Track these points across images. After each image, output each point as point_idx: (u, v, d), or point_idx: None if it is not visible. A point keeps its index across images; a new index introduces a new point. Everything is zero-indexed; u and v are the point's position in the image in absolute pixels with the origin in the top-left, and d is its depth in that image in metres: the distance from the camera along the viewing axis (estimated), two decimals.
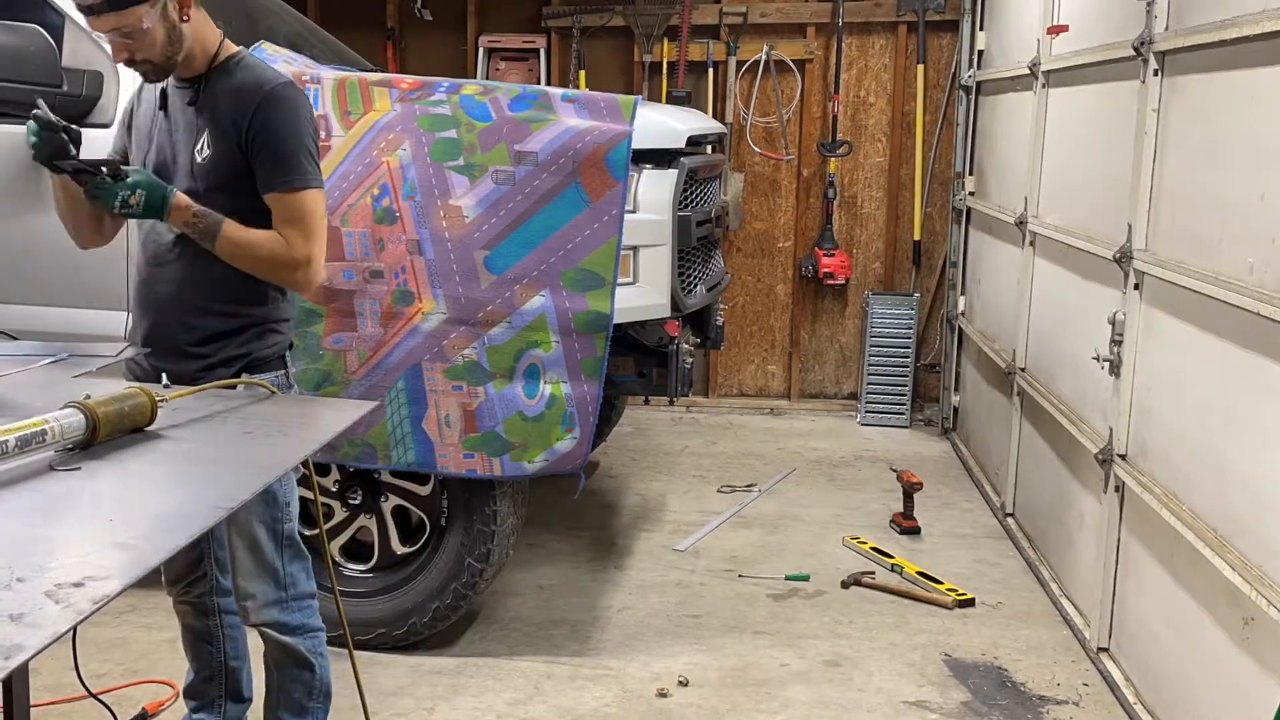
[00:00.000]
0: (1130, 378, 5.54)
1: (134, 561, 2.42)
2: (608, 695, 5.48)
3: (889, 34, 10.42)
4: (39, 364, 3.89)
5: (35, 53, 5.20)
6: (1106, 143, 6.10)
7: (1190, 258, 4.95)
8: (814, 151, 10.52)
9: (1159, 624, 5.21)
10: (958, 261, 9.94)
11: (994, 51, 9.23)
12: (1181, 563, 4.95)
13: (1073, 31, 6.84)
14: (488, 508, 5.54)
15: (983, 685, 5.65)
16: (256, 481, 3.02)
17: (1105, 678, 5.66)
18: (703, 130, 6.42)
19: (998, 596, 6.63)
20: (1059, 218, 6.95)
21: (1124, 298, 5.57)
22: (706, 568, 6.98)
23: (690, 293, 6.03)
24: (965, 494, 8.46)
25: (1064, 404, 6.55)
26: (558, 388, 5.28)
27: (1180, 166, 5.18)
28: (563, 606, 6.41)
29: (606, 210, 5.21)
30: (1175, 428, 5.10)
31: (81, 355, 4.13)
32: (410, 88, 5.40)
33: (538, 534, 7.33)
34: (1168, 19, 5.33)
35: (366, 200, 5.23)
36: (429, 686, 5.52)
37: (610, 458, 9.15)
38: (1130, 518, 5.55)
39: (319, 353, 5.29)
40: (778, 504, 8.16)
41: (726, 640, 6.04)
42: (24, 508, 2.75)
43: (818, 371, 10.86)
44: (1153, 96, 5.40)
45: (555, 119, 5.28)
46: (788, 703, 5.46)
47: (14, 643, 2.04)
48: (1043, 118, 7.39)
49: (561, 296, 5.21)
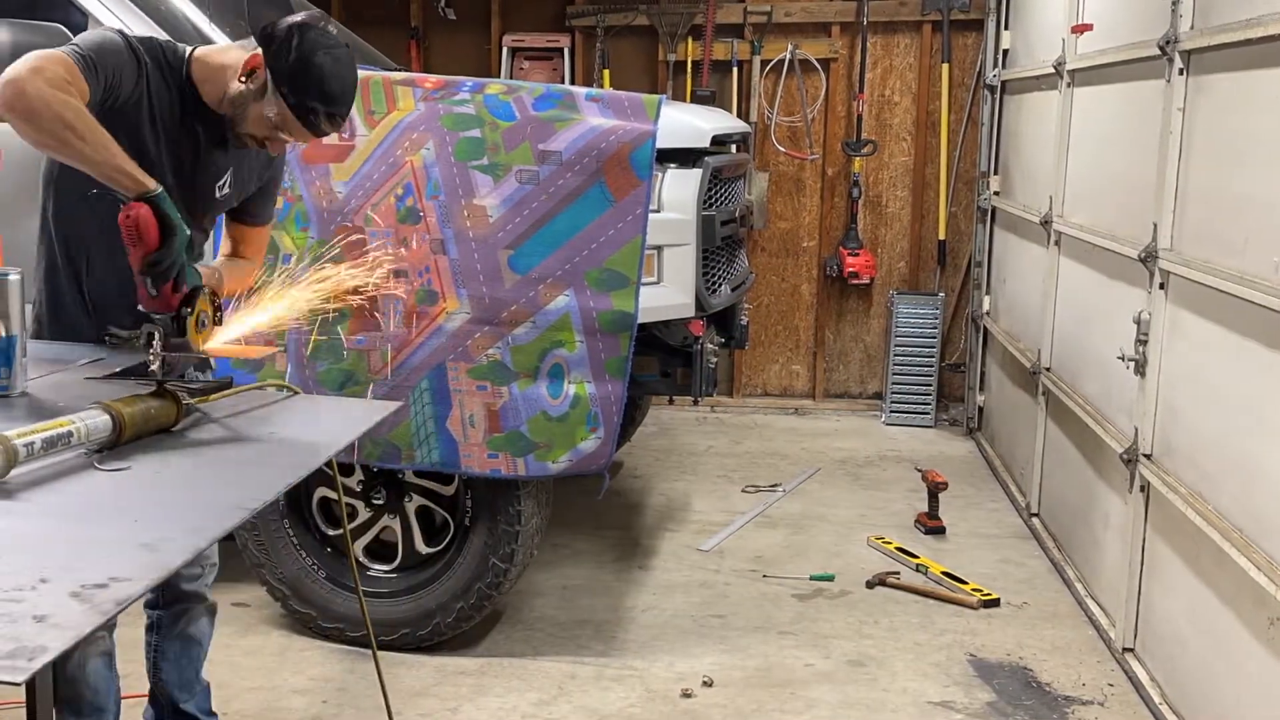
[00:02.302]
0: (1155, 377, 5.52)
1: (158, 562, 2.42)
2: (632, 696, 5.48)
3: (913, 33, 10.40)
4: (75, 364, 3.90)
5: None
6: (1131, 142, 6.08)
7: (1215, 257, 4.93)
8: (838, 151, 10.51)
9: (1184, 624, 5.20)
10: (983, 261, 9.91)
11: (1019, 50, 9.20)
12: (1207, 563, 4.94)
13: (1098, 30, 6.83)
14: (512, 508, 5.54)
15: (1008, 685, 5.64)
16: (279, 482, 3.02)
17: (1130, 678, 5.65)
18: (727, 129, 6.41)
19: (1023, 597, 6.62)
20: (1084, 217, 6.93)
21: (1149, 297, 5.55)
22: (731, 568, 6.98)
23: (715, 292, 6.02)
24: (990, 494, 8.44)
25: (1089, 404, 6.53)
26: (582, 388, 5.27)
27: (1206, 166, 5.16)
28: (587, 606, 6.41)
29: (631, 210, 5.20)
30: (1200, 427, 5.09)
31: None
32: (434, 87, 5.40)
33: (562, 534, 7.33)
34: (1193, 18, 5.31)
35: (390, 200, 5.23)
36: (453, 687, 5.52)
37: (635, 458, 9.14)
38: (1155, 518, 5.54)
39: (343, 352, 5.29)
40: (802, 504, 8.15)
41: (751, 640, 6.03)
42: (49, 508, 2.75)
43: (842, 371, 10.84)
44: (1178, 96, 5.39)
45: (579, 118, 5.27)
46: (812, 703, 5.45)
47: (38, 644, 2.04)
48: (1068, 117, 7.37)
49: (586, 296, 5.21)
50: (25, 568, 2.35)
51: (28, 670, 1.97)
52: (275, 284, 3.94)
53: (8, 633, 2.08)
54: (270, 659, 5.71)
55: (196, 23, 5.82)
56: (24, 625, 2.11)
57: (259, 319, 3.83)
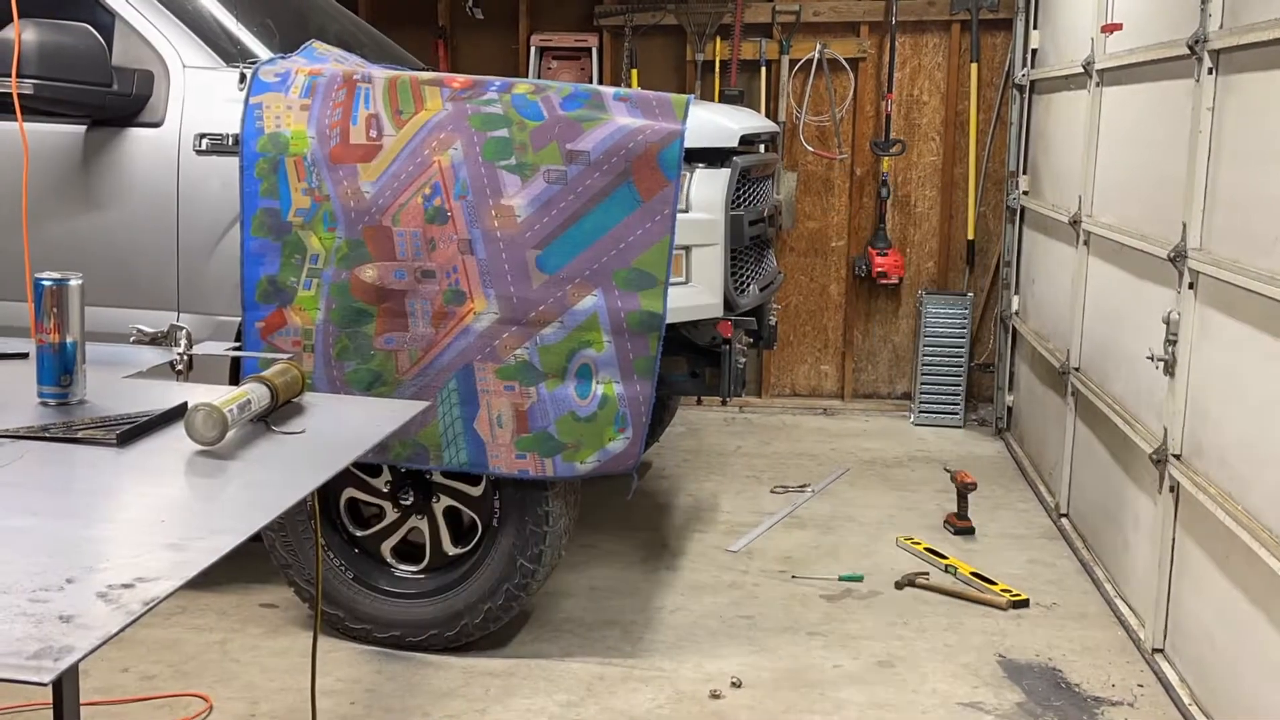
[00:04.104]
0: (1185, 377, 5.50)
1: (184, 563, 2.43)
2: (660, 697, 5.47)
3: (942, 32, 10.39)
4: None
5: (85, 52, 5.23)
6: (1161, 141, 6.06)
7: (1245, 257, 4.91)
8: (867, 150, 10.49)
9: (1214, 625, 5.18)
10: (1011, 261, 9.89)
11: (1048, 50, 9.18)
12: (1237, 563, 4.92)
13: (1127, 30, 6.80)
14: (540, 508, 5.54)
15: (1037, 686, 5.62)
16: (304, 484, 3.02)
17: (1160, 678, 5.63)
18: (755, 129, 6.40)
19: (1052, 597, 6.60)
20: (1113, 217, 6.91)
21: (1178, 297, 5.53)
22: (760, 568, 6.97)
23: (743, 292, 6.01)
24: (1019, 494, 8.42)
25: (1118, 404, 6.52)
26: (610, 388, 5.27)
27: (1235, 165, 5.14)
28: (615, 607, 6.40)
29: (659, 210, 5.20)
30: (1230, 427, 5.07)
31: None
32: (462, 87, 5.40)
33: (590, 535, 7.33)
34: (1222, 17, 5.29)
35: (418, 200, 5.23)
36: (481, 688, 5.52)
37: (663, 458, 9.14)
38: (1185, 518, 5.52)
39: (370, 353, 5.30)
40: (831, 504, 8.14)
41: (780, 641, 6.02)
42: (75, 506, 2.76)
43: (871, 371, 10.83)
44: (1207, 95, 5.37)
45: (607, 118, 5.27)
46: (841, 704, 5.44)
47: (64, 644, 2.05)
48: (1097, 116, 7.35)
49: (614, 296, 5.20)
50: (51, 568, 2.36)
51: (54, 670, 1.98)
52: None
53: (34, 633, 2.08)
54: (298, 660, 5.71)
55: (224, 22, 5.84)
56: (50, 626, 2.11)
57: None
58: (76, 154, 5.48)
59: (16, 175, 5.08)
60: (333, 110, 5.36)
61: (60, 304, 3.58)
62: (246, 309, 5.35)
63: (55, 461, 3.08)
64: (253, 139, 5.34)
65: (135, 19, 5.59)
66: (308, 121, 5.35)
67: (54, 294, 3.58)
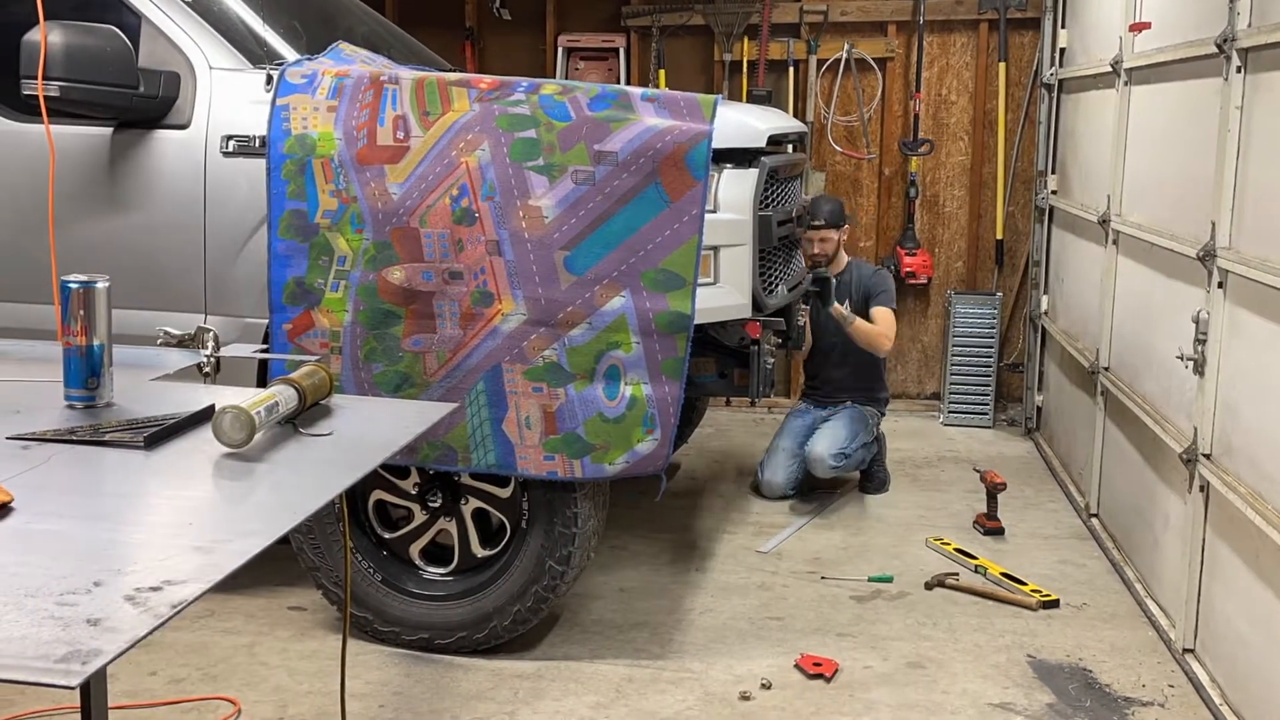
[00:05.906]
0: (1215, 376, 5.48)
1: (212, 565, 2.42)
2: (690, 698, 5.47)
3: (970, 32, 10.37)
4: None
5: (112, 54, 5.24)
6: (1189, 140, 6.04)
7: (1275, 255, 4.89)
8: (895, 150, 10.49)
9: (1245, 625, 5.16)
10: (1040, 260, 9.87)
11: (1076, 49, 9.16)
12: (1268, 563, 4.90)
13: (1155, 29, 6.78)
14: (568, 510, 5.53)
15: (1068, 687, 5.60)
16: (332, 486, 3.02)
17: (1191, 679, 5.61)
18: (783, 129, 6.39)
19: (1082, 598, 6.58)
20: (1142, 216, 6.89)
21: (1208, 296, 5.51)
22: (789, 569, 6.96)
23: (771, 293, 6.00)
24: (1049, 494, 8.40)
25: (1148, 403, 6.49)
26: (639, 389, 5.26)
27: (1264, 164, 5.12)
28: (644, 609, 6.40)
29: (687, 210, 5.19)
30: (1261, 427, 5.05)
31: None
32: (489, 88, 5.40)
33: (619, 536, 7.33)
34: (1250, 16, 5.27)
35: (445, 201, 5.23)
36: (510, 690, 5.52)
37: (692, 459, 9.13)
38: (1215, 518, 5.50)
39: (398, 355, 5.29)
40: (861, 505, 8.13)
41: (809, 642, 6.01)
42: (103, 509, 2.76)
43: (900, 371, 10.80)
44: (1235, 94, 5.35)
45: (635, 118, 5.26)
46: (871, 705, 5.43)
47: (92, 648, 2.04)
48: (1125, 115, 7.33)
49: (642, 297, 5.19)
50: (79, 571, 2.36)
51: (82, 674, 1.97)
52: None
53: (62, 636, 2.08)
54: (327, 662, 5.71)
55: (250, 24, 5.84)
56: (78, 629, 2.11)
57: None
58: (103, 156, 5.48)
59: (43, 177, 5.08)
60: (360, 111, 5.36)
61: (87, 306, 3.58)
62: (274, 311, 5.35)
63: (83, 464, 3.07)
64: (280, 140, 5.34)
65: (161, 21, 5.59)
66: (335, 123, 5.35)
67: (81, 296, 3.58)
